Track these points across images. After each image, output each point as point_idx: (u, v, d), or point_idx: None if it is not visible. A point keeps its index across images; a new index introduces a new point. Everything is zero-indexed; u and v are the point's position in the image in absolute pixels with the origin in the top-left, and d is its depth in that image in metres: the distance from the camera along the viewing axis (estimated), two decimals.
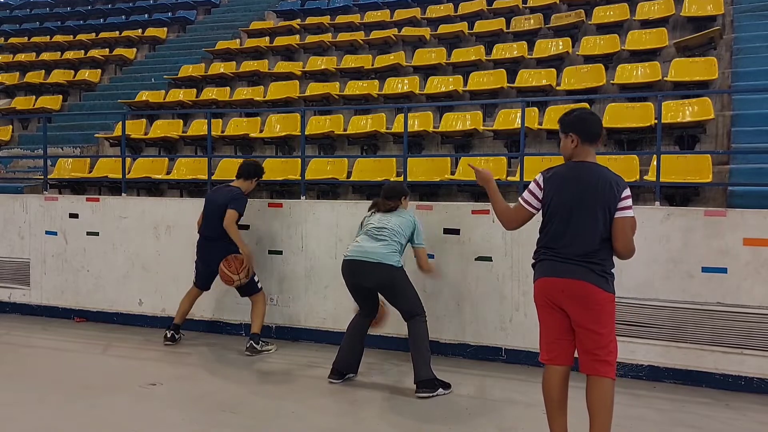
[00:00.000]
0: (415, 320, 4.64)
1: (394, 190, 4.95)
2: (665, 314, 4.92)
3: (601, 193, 3.27)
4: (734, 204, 5.28)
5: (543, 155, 6.86)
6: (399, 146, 7.86)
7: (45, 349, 5.94)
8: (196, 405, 4.44)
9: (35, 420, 4.15)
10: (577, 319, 3.28)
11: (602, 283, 3.24)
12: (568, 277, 3.26)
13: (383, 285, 4.66)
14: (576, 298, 3.25)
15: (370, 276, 4.63)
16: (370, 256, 4.61)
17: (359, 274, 4.68)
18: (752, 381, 4.72)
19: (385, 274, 4.60)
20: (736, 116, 6.67)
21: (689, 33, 8.30)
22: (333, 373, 4.90)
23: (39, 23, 15.11)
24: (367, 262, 4.61)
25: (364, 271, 4.64)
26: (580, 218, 3.28)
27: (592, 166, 3.43)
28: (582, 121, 3.52)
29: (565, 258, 3.30)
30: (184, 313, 5.97)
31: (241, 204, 5.63)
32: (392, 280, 4.63)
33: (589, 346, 3.26)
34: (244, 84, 10.20)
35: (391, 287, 4.66)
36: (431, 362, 4.60)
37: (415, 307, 4.68)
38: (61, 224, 7.02)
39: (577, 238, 3.27)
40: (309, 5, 12.90)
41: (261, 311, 5.71)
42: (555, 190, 3.38)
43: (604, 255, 3.28)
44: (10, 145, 10.45)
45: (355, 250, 4.70)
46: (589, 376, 3.29)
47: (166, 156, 8.77)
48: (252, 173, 5.83)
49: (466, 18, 10.44)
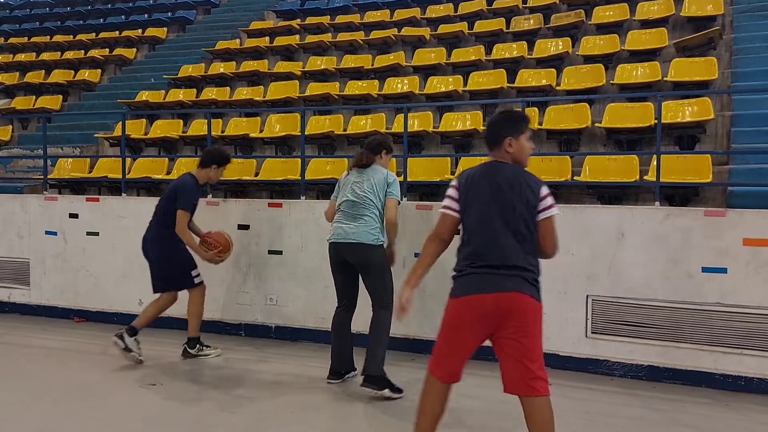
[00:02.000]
0: (381, 311, 4.57)
1: (373, 142, 4.86)
2: (664, 314, 4.92)
3: (520, 195, 3.01)
4: (734, 204, 5.28)
5: (543, 155, 6.87)
6: (399, 146, 7.84)
7: (45, 349, 5.94)
8: (196, 405, 4.44)
9: (35, 420, 4.15)
10: (507, 334, 2.96)
11: (534, 293, 2.99)
12: (500, 291, 2.95)
13: (361, 263, 4.62)
14: (510, 311, 2.95)
15: (352, 254, 4.61)
16: (349, 237, 4.58)
17: (342, 253, 4.65)
18: (752, 381, 4.72)
19: (363, 252, 4.57)
20: (736, 116, 6.67)
21: (689, 33, 8.30)
22: (331, 374, 4.88)
23: (39, 23, 15.10)
24: (347, 243, 4.59)
25: (346, 250, 4.62)
26: (503, 224, 3.00)
27: (506, 167, 3.14)
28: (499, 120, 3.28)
29: (492, 269, 2.99)
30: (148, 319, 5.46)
31: (188, 199, 5.24)
32: (370, 258, 4.58)
33: (521, 364, 2.98)
34: (244, 84, 10.20)
35: (368, 266, 4.61)
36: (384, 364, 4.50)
37: (386, 296, 4.60)
38: (60, 224, 7.02)
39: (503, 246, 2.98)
40: (309, 5, 12.90)
41: (198, 309, 5.41)
42: (472, 196, 3.11)
43: (533, 261, 3.03)
44: (10, 145, 10.45)
45: (336, 233, 4.66)
46: (525, 398, 3.00)
47: (166, 156, 8.76)
48: (208, 160, 5.42)
49: (466, 18, 10.44)
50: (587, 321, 5.14)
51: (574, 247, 5.15)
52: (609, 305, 5.09)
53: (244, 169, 8.06)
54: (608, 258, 5.07)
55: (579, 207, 5.31)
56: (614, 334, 5.08)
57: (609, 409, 4.40)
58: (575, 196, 6.69)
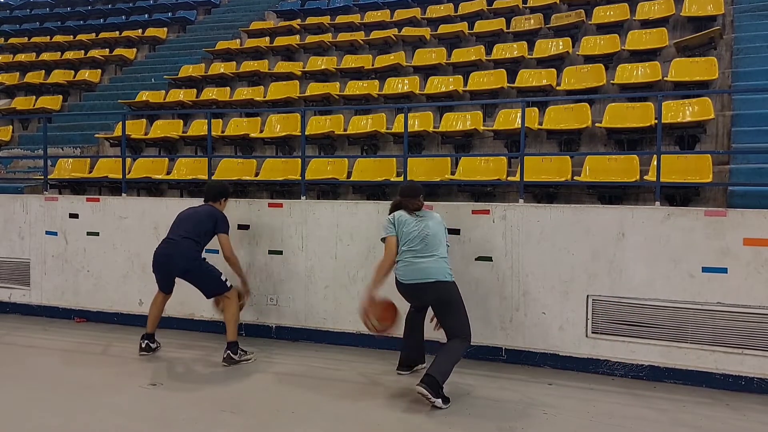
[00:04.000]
0: (458, 340, 4.50)
1: (414, 188, 4.92)
2: (666, 314, 4.92)
3: None
4: (734, 204, 5.28)
5: (543, 155, 6.86)
6: (399, 146, 7.86)
7: (45, 349, 5.94)
8: (196, 405, 4.44)
9: (36, 420, 4.15)
10: None
11: None
12: None
13: (441, 300, 4.58)
14: None
15: (430, 294, 4.58)
16: (426, 276, 4.54)
17: (419, 296, 4.66)
18: (753, 381, 4.71)
19: (442, 290, 4.54)
20: (736, 116, 6.67)
21: (689, 33, 8.30)
22: (401, 365, 5.06)
23: (39, 23, 15.11)
24: (425, 283, 4.54)
25: (423, 291, 4.58)
26: None
27: None
28: None
29: None
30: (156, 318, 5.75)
31: (228, 225, 5.58)
32: (449, 296, 4.56)
33: None
34: (245, 84, 10.20)
35: (448, 303, 4.57)
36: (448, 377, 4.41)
37: (464, 329, 4.54)
38: (61, 224, 7.02)
39: None
40: (309, 5, 12.90)
41: (234, 313, 5.44)
42: None
43: None
44: (10, 145, 10.45)
45: (410, 271, 4.60)
46: None
47: (166, 156, 8.76)
48: (217, 195, 5.71)
49: (466, 18, 10.45)
50: (588, 321, 5.14)
51: (574, 247, 5.15)
52: (610, 305, 5.08)
53: (245, 169, 8.06)
54: (609, 258, 5.07)
55: (579, 207, 5.31)
56: (615, 334, 5.08)
57: (610, 409, 4.40)
58: (575, 196, 6.69)
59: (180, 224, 5.55)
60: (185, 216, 5.60)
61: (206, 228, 5.50)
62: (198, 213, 5.58)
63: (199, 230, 5.48)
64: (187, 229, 5.47)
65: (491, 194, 6.83)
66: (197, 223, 5.50)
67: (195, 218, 5.53)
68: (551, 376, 5.07)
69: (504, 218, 5.37)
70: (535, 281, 5.27)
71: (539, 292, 5.26)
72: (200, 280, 5.49)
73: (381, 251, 4.93)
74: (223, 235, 5.51)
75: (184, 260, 5.41)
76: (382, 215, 5.72)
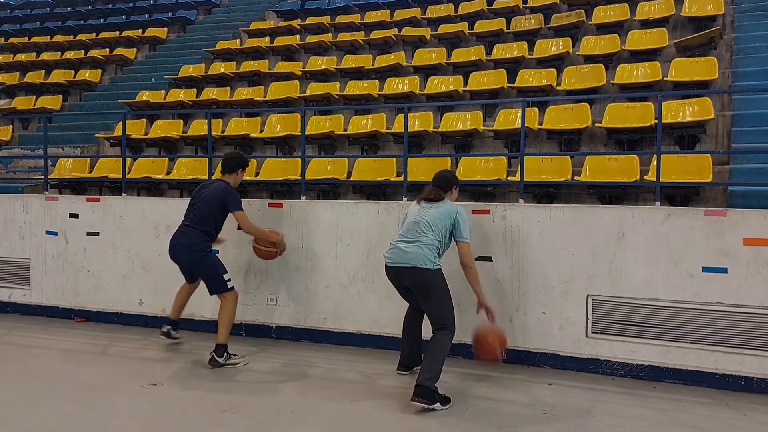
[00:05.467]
0: (440, 332, 4.47)
1: (444, 178, 4.82)
2: (665, 314, 4.92)
3: None
4: (734, 204, 5.28)
5: (543, 155, 6.87)
6: (399, 146, 7.86)
7: (45, 349, 5.94)
8: (196, 405, 4.44)
9: (36, 420, 4.15)
10: None
11: None
12: None
13: (417, 285, 4.56)
14: None
15: (407, 277, 4.58)
16: (403, 259, 4.53)
17: (398, 280, 4.67)
18: (752, 381, 4.71)
19: (417, 276, 4.50)
20: (736, 116, 6.67)
21: (689, 33, 8.30)
22: (400, 366, 5.07)
23: (39, 23, 15.12)
24: (402, 267, 4.54)
25: (401, 274, 4.59)
26: None
27: None
28: None
29: None
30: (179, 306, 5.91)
31: (238, 200, 5.49)
32: (425, 282, 4.50)
33: None
34: (245, 84, 10.21)
35: (423, 288, 4.53)
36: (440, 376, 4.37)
37: (445, 319, 4.48)
38: (61, 224, 7.02)
39: None
40: (309, 5, 12.91)
41: (229, 316, 5.38)
42: None
43: None
44: (10, 145, 10.45)
45: (391, 254, 4.63)
46: None
47: (167, 156, 8.77)
48: (234, 166, 5.59)
49: (466, 18, 10.45)
50: (588, 321, 5.14)
51: (574, 247, 5.15)
52: (610, 305, 5.08)
53: None
54: (609, 258, 5.07)
55: (579, 207, 5.31)
56: (615, 334, 5.08)
57: (610, 408, 4.40)
58: (575, 196, 6.70)
59: (192, 211, 5.52)
60: (197, 201, 5.54)
61: (216, 210, 5.43)
62: (208, 195, 5.48)
63: (208, 216, 5.42)
64: (196, 217, 5.45)
65: (491, 194, 6.83)
66: (207, 209, 5.44)
67: (205, 203, 5.46)
68: (551, 376, 5.07)
69: (504, 218, 5.37)
70: (535, 281, 5.27)
71: (539, 292, 5.26)
72: (202, 274, 5.50)
73: (381, 251, 4.93)
74: (237, 212, 5.42)
75: (189, 251, 5.42)
76: (383, 215, 5.75)
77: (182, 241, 5.45)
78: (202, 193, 5.56)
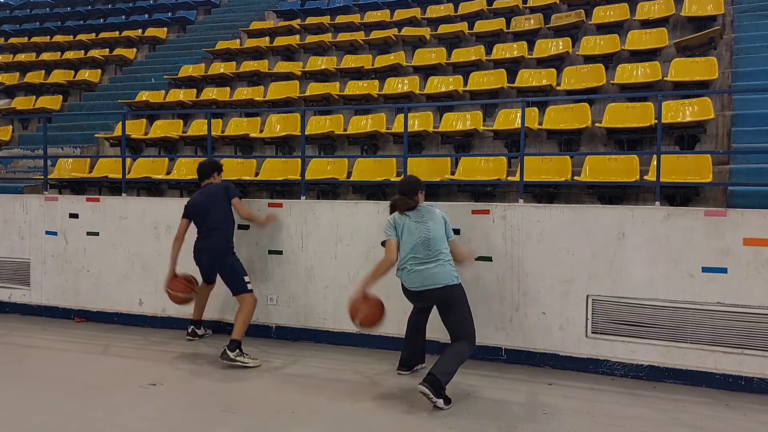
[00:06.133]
0: (463, 341, 4.48)
1: (409, 184, 4.85)
2: (665, 314, 4.92)
3: None
4: (734, 204, 5.28)
5: (543, 155, 6.87)
6: (399, 146, 7.86)
7: (45, 349, 5.94)
8: (196, 405, 4.44)
9: (36, 420, 4.15)
10: None
11: None
12: None
13: (444, 302, 4.57)
14: None
15: (435, 297, 4.58)
16: (431, 282, 4.52)
17: (426, 301, 4.68)
18: (752, 381, 4.71)
19: (449, 294, 4.53)
20: (736, 116, 6.67)
21: (689, 33, 8.30)
22: (400, 365, 5.07)
23: (39, 23, 15.11)
24: (429, 289, 4.54)
25: (427, 295, 4.59)
26: None
27: None
28: None
29: None
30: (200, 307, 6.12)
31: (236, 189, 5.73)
32: (453, 297, 4.54)
33: None
34: (244, 84, 10.20)
35: (450, 303, 4.55)
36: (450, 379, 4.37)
37: (469, 332, 4.51)
38: (61, 224, 7.02)
39: None
40: (309, 5, 12.90)
41: (246, 316, 5.46)
42: None
43: None
44: (10, 145, 10.45)
45: (413, 278, 4.59)
46: None
47: (166, 156, 8.77)
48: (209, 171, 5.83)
49: (466, 18, 10.45)
50: (588, 321, 5.14)
51: (574, 247, 5.15)
52: (610, 305, 5.08)
53: (244, 169, 8.06)
54: (609, 258, 5.07)
55: (579, 207, 5.31)
56: (615, 334, 5.08)
57: (610, 409, 4.40)
58: (575, 196, 6.70)
59: (203, 221, 5.61)
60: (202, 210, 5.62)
61: (225, 206, 5.61)
62: (213, 197, 5.63)
63: (223, 212, 5.59)
64: (212, 223, 5.57)
65: (491, 194, 6.83)
66: (218, 207, 5.59)
67: (214, 203, 5.59)
68: (551, 376, 5.07)
69: (504, 218, 5.37)
70: (535, 281, 5.27)
71: (539, 292, 5.26)
72: (225, 276, 5.62)
73: (381, 251, 4.94)
74: (235, 199, 5.63)
75: (214, 254, 5.58)
76: (382, 215, 5.74)
77: (207, 245, 5.59)
78: (202, 202, 5.65)
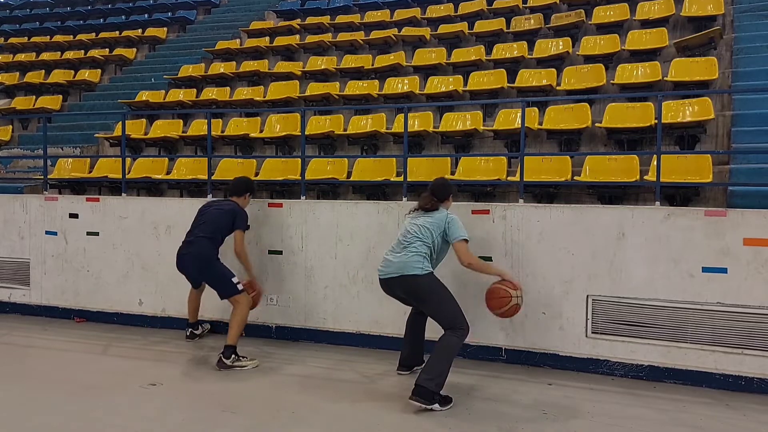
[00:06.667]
0: (448, 333, 4.42)
1: (442, 186, 4.78)
2: (665, 314, 4.92)
3: None
4: (734, 204, 5.28)
5: (543, 155, 6.86)
6: (399, 146, 7.85)
7: (45, 349, 5.94)
8: (196, 405, 4.44)
9: (36, 420, 4.15)
10: None
11: None
12: None
13: (409, 293, 4.58)
14: None
15: (399, 287, 4.60)
16: (391, 270, 4.55)
17: (391, 287, 4.67)
18: (752, 381, 4.71)
19: (408, 284, 4.52)
20: (736, 116, 6.67)
21: (689, 33, 8.30)
22: (400, 366, 5.06)
23: (39, 23, 15.11)
24: (391, 278, 4.56)
25: (392, 284, 4.61)
26: None
27: None
28: None
29: None
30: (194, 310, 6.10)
31: (246, 221, 5.67)
32: (417, 288, 4.51)
33: None
34: (244, 84, 10.20)
35: (417, 295, 4.55)
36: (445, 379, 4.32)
37: (451, 320, 4.42)
38: (61, 224, 7.02)
39: None
40: (309, 5, 12.90)
41: (240, 318, 5.37)
42: None
43: None
44: (10, 145, 10.45)
45: (381, 267, 4.66)
46: None
47: (166, 156, 8.76)
48: (242, 189, 5.81)
49: (466, 18, 10.45)
50: (588, 321, 5.14)
51: (574, 247, 5.15)
52: (610, 305, 5.08)
53: (244, 169, 8.05)
54: (609, 258, 5.06)
55: (579, 207, 5.31)
56: (615, 334, 5.08)
57: (610, 408, 4.40)
58: (575, 196, 6.70)
59: (200, 225, 5.62)
60: (207, 216, 5.65)
61: (226, 226, 5.61)
62: (220, 212, 5.63)
63: (215, 231, 5.57)
64: (205, 231, 5.56)
65: (491, 194, 6.83)
66: (217, 223, 5.58)
67: (216, 218, 5.60)
68: (551, 376, 5.07)
69: (504, 218, 5.37)
70: (534, 281, 5.27)
71: (539, 292, 5.26)
72: (213, 282, 5.58)
73: (381, 251, 4.94)
74: (239, 231, 5.60)
75: (198, 262, 5.52)
76: (382, 215, 5.75)
77: (190, 251, 5.54)
78: (210, 210, 5.67)
